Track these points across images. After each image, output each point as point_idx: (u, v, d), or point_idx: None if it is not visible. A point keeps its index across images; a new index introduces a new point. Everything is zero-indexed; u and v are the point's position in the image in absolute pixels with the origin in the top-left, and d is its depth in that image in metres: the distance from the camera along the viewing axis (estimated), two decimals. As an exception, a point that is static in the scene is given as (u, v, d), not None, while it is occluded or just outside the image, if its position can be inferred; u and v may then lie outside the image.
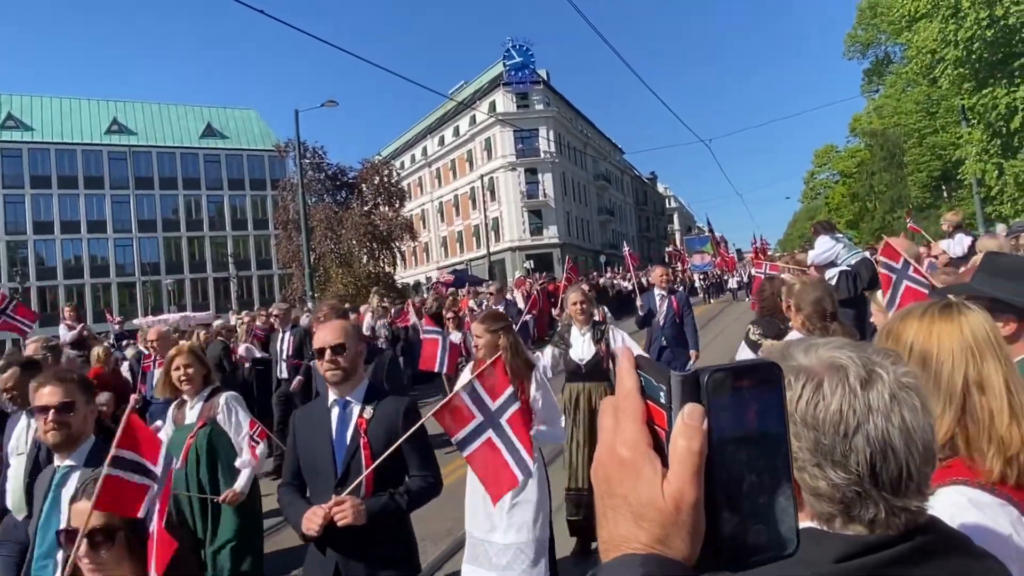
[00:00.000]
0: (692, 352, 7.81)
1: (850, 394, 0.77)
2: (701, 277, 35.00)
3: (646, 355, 0.57)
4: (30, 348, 6.42)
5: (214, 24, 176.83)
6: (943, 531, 0.84)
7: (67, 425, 2.78)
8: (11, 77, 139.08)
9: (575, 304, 5.47)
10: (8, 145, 48.83)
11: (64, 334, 10.27)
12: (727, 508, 0.51)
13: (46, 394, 2.78)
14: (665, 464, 0.51)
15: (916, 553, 0.76)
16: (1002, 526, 1.17)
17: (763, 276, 8.09)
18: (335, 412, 2.79)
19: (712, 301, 31.23)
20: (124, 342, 13.44)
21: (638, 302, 8.27)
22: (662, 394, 0.53)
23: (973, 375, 1.31)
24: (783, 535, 0.51)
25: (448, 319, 9.69)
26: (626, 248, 14.38)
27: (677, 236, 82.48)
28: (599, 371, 5.33)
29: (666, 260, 36.09)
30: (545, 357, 5.32)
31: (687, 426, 0.50)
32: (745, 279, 28.00)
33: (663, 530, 0.50)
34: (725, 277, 34.15)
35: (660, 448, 0.52)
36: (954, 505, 1.16)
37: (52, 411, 2.75)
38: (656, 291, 8.12)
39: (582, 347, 5.40)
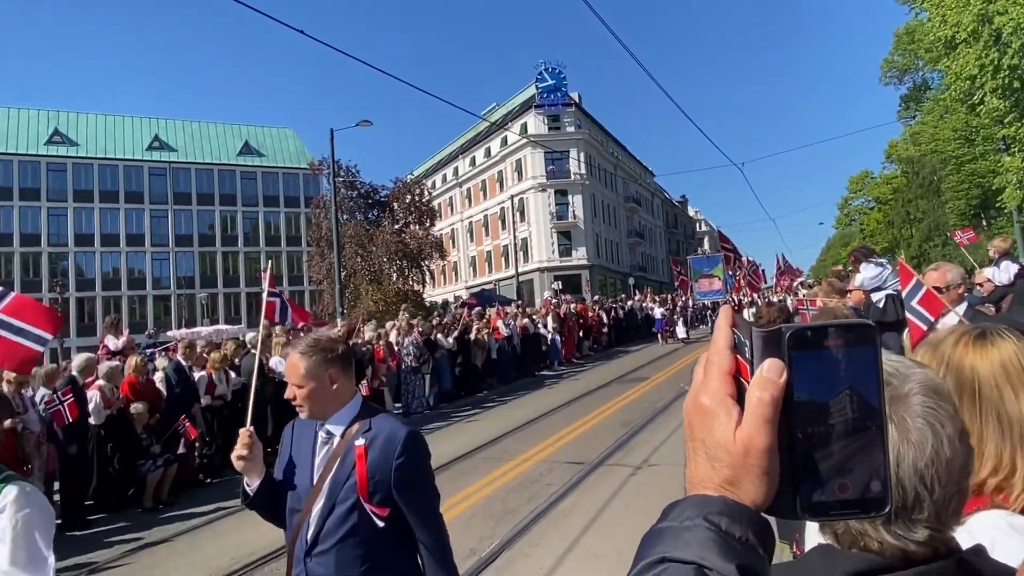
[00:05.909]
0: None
1: None
2: (709, 304, 31.80)
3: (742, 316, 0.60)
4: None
5: (253, 44, 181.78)
6: (968, 562, 0.81)
7: None
8: (59, 94, 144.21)
9: None
10: (54, 159, 50.52)
11: (112, 343, 10.57)
12: (807, 460, 0.52)
13: None
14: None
15: None
16: None
17: (806, 312, 7.65)
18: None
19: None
20: (151, 351, 13.65)
21: None
22: (747, 349, 0.57)
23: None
24: (871, 495, 0.52)
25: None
26: None
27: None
28: None
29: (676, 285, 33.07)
30: None
31: (763, 378, 0.54)
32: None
33: (733, 472, 0.54)
34: (744, 302, 29.00)
35: (743, 400, 0.55)
36: (994, 529, 1.13)
37: None
38: None
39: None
